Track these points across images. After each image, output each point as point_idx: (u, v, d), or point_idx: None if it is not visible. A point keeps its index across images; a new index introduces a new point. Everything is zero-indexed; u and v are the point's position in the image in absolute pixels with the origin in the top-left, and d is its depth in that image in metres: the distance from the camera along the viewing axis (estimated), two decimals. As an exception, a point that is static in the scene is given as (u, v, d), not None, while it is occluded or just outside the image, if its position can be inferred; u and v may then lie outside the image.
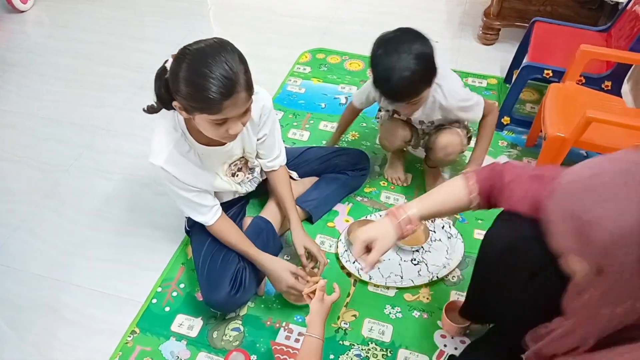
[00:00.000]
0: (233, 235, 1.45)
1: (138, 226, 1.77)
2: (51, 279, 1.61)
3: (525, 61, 1.99)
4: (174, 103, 1.17)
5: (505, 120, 2.07)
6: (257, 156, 1.53)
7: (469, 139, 1.79)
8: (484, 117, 1.68)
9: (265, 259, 1.43)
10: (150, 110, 1.29)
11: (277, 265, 1.42)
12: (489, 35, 2.59)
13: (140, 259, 1.66)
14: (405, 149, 1.85)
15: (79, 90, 2.40)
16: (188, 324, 1.48)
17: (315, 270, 1.51)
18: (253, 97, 1.18)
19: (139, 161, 2.01)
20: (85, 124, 2.21)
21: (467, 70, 2.44)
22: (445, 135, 1.64)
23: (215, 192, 1.51)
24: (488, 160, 1.94)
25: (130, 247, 1.70)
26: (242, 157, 1.49)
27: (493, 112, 1.69)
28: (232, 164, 1.48)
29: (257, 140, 1.47)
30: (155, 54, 2.51)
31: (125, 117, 2.23)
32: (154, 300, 1.54)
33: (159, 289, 1.57)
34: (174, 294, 1.56)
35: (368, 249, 1.13)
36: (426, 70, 1.41)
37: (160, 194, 1.88)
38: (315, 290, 1.22)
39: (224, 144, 1.36)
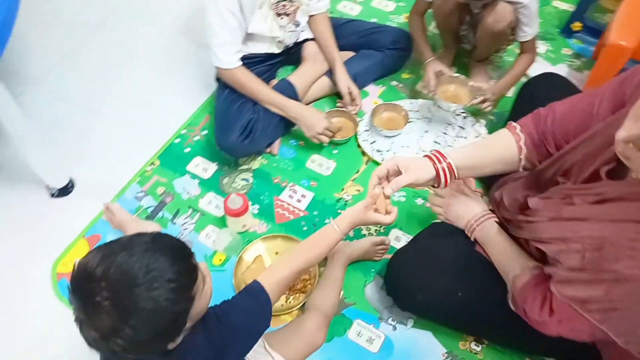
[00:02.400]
0: (255, 82, 1.48)
1: (174, 72, 1.83)
2: (87, 106, 1.73)
3: (614, -43, 1.74)
4: None
5: (576, 26, 1.87)
6: None
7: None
8: (523, 52, 1.59)
9: (296, 104, 1.50)
10: None
11: (310, 110, 1.50)
12: None
13: (171, 102, 1.74)
14: (459, 32, 1.71)
15: None
16: (203, 166, 1.57)
17: (352, 110, 1.64)
18: None
19: (188, 8, 2.02)
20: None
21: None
22: (497, 4, 1.49)
23: (248, 40, 1.52)
24: (545, 67, 1.80)
25: (164, 91, 1.78)
26: (292, 0, 1.50)
27: (533, 53, 1.59)
28: (280, 1, 1.47)
29: None
30: None
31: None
32: (177, 140, 1.63)
33: (183, 131, 1.66)
34: (196, 138, 1.64)
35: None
36: None
37: (202, 45, 1.89)
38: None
39: None
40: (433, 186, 1.03)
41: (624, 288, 0.75)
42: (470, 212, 1.12)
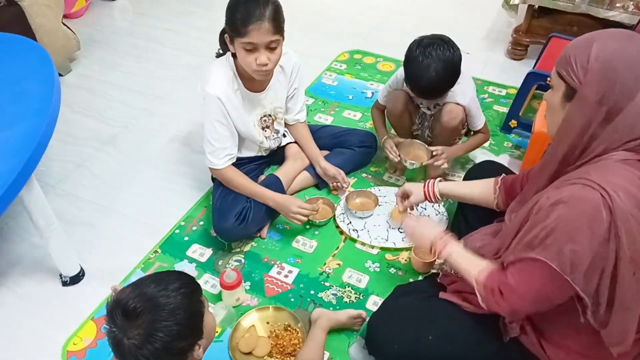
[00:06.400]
0: (241, 179, 1.74)
1: (176, 175, 2.11)
2: (98, 205, 1.97)
3: (531, 69, 2.16)
4: (225, 36, 1.58)
5: (513, 123, 2.24)
6: (285, 112, 1.88)
7: (466, 132, 1.99)
8: (479, 131, 1.92)
9: (272, 194, 1.73)
10: (218, 55, 1.74)
11: (284, 197, 1.75)
12: (517, 50, 2.76)
13: (172, 199, 1.99)
14: (412, 130, 2.05)
15: (147, 65, 2.81)
16: (200, 252, 1.78)
17: (345, 186, 1.93)
18: (285, 56, 1.60)
19: (185, 125, 2.36)
20: (147, 92, 2.60)
21: (490, 80, 2.63)
22: (450, 104, 1.82)
23: (241, 147, 1.83)
24: (490, 157, 2.13)
25: (166, 190, 2.04)
26: (271, 115, 1.82)
27: (487, 134, 1.95)
28: (262, 117, 1.80)
29: (287, 96, 1.84)
30: (213, 43, 2.87)
31: (179, 91, 2.60)
32: (177, 231, 1.85)
33: (182, 223, 1.88)
34: (194, 228, 1.86)
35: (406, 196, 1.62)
36: (452, 76, 1.68)
37: (197, 152, 2.20)
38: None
39: (262, 90, 1.72)
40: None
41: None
42: (432, 232, 1.35)
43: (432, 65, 1.60)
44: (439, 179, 1.61)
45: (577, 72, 0.99)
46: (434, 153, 1.86)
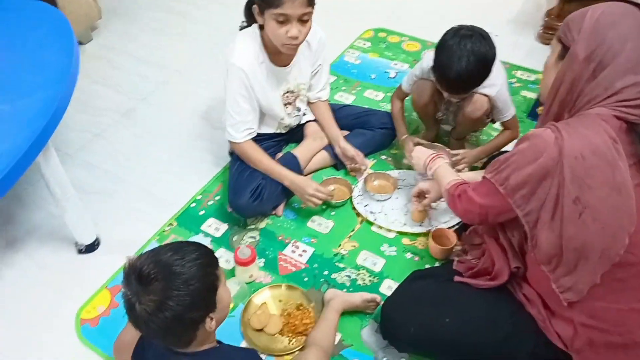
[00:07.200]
0: (259, 154, 1.71)
1: (193, 149, 2.09)
2: (115, 176, 1.97)
3: (563, 53, 2.08)
4: (253, 7, 1.53)
5: (540, 110, 2.16)
6: (308, 90, 1.85)
7: (491, 121, 1.93)
8: (507, 128, 1.84)
9: (290, 173, 1.70)
10: (242, 27, 1.70)
11: (301, 178, 1.72)
12: (548, 34, 2.66)
13: (189, 173, 1.98)
14: (437, 117, 1.99)
15: (167, 38, 2.79)
16: (215, 226, 1.77)
17: (363, 168, 1.90)
18: (311, 31, 1.55)
19: (204, 100, 2.33)
20: (167, 65, 2.58)
21: (519, 64, 2.54)
22: (476, 94, 1.75)
23: (260, 123, 1.80)
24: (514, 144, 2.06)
25: (183, 163, 2.03)
26: (294, 91, 1.78)
27: (515, 130, 1.84)
28: (285, 93, 1.77)
29: (312, 72, 1.80)
30: (235, 18, 2.82)
31: (199, 65, 2.57)
32: (193, 204, 1.84)
33: (199, 197, 1.87)
34: (210, 202, 1.85)
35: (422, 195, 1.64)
36: (482, 74, 1.59)
37: (216, 127, 2.18)
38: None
39: (287, 64, 1.69)
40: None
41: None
42: (424, 155, 1.57)
43: (464, 57, 1.52)
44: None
45: (572, 32, 1.06)
46: (454, 159, 1.79)
